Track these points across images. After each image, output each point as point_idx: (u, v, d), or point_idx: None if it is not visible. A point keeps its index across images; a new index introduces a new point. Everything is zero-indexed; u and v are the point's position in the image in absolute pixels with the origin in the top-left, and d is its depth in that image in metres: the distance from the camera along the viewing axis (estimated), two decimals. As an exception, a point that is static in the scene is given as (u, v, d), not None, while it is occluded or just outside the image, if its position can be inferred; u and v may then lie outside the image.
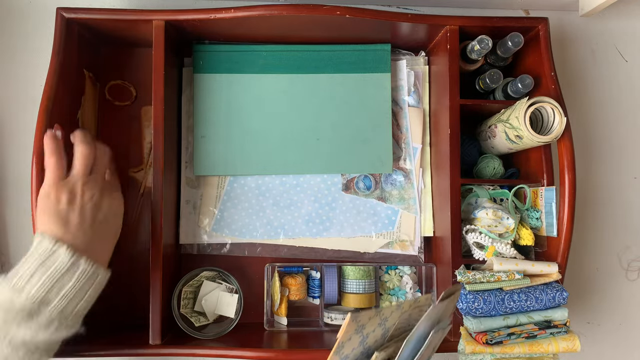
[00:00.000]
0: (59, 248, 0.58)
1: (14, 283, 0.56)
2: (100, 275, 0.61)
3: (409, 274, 0.84)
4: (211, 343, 0.74)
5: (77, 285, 0.58)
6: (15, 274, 0.57)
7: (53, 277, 0.57)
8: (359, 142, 0.82)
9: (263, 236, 0.82)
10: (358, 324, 0.51)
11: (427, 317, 0.54)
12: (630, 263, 0.89)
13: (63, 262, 0.58)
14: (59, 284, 0.57)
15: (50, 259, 0.58)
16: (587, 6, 0.85)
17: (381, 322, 0.54)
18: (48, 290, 0.56)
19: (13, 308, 0.55)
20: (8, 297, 0.55)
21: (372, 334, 0.54)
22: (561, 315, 0.70)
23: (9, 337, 0.54)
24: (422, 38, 0.81)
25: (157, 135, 0.72)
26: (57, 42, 0.72)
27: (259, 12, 0.72)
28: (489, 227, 0.74)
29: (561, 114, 0.70)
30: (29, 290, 0.56)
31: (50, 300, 0.56)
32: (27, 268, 0.57)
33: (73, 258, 0.58)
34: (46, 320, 0.56)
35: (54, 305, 0.57)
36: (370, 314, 0.52)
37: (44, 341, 0.56)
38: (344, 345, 0.52)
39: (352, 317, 0.50)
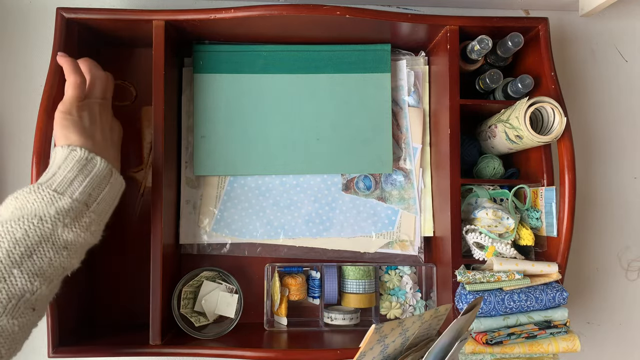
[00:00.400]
0: (94, 157, 0.62)
1: (54, 187, 0.58)
2: (123, 186, 0.67)
3: (409, 274, 0.84)
4: (211, 343, 0.74)
5: (110, 193, 0.63)
6: (53, 180, 0.58)
7: (92, 183, 0.60)
8: (359, 142, 0.82)
9: (263, 236, 0.82)
10: (381, 334, 0.52)
11: (451, 330, 0.55)
12: (630, 263, 0.89)
13: (100, 170, 0.62)
14: (98, 189, 0.61)
15: (88, 166, 0.61)
16: (587, 6, 0.85)
17: (402, 332, 0.54)
18: (89, 194, 0.60)
19: (59, 210, 0.56)
20: (50, 200, 0.57)
21: (393, 344, 0.55)
22: (561, 315, 0.70)
23: (53, 239, 0.56)
24: (422, 38, 0.81)
25: (157, 135, 0.72)
26: (57, 42, 0.72)
27: (259, 12, 0.72)
28: (489, 227, 0.74)
29: (561, 114, 0.70)
30: (71, 194, 0.58)
31: (90, 204, 0.60)
32: (66, 174, 0.59)
33: (108, 168, 0.63)
34: (88, 222, 0.59)
35: (94, 209, 0.60)
36: (393, 324, 0.52)
37: (81, 244, 0.59)
38: (365, 354, 0.52)
39: (376, 329, 0.50)
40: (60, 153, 0.62)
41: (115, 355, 0.71)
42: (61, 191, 0.58)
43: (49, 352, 0.70)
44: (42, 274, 0.54)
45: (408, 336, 0.56)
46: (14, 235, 0.54)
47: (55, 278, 0.56)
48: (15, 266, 0.53)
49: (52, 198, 0.57)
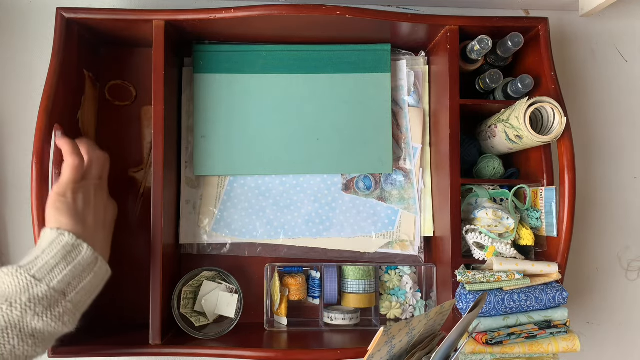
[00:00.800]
0: (81, 244, 0.60)
1: (33, 273, 0.56)
2: (108, 274, 0.65)
3: (409, 274, 0.84)
4: (211, 343, 0.74)
5: (92, 283, 0.61)
6: (34, 264, 0.57)
7: (74, 272, 0.58)
8: (359, 142, 0.82)
9: (263, 236, 0.82)
10: (389, 336, 0.52)
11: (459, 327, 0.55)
12: (630, 263, 0.89)
13: (84, 258, 0.60)
14: (79, 278, 0.59)
15: (73, 253, 0.59)
16: (587, 6, 0.85)
17: (409, 331, 0.55)
18: (68, 283, 0.58)
19: (33, 297, 0.55)
20: (26, 285, 0.55)
21: (399, 344, 0.55)
22: (561, 315, 0.70)
23: (20, 326, 0.54)
24: (422, 38, 0.81)
25: (157, 135, 0.72)
26: (57, 42, 0.72)
27: (259, 12, 0.72)
28: (489, 227, 0.74)
29: (561, 114, 0.70)
30: (49, 281, 0.56)
31: (68, 293, 0.57)
32: (48, 260, 0.58)
33: (93, 256, 0.61)
34: (61, 312, 0.56)
35: (71, 298, 0.58)
36: (401, 325, 0.53)
37: (50, 333, 0.56)
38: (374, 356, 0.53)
39: (385, 332, 0.51)
40: (47, 236, 0.60)
41: (115, 355, 0.71)
42: (39, 277, 0.56)
43: (48, 353, 0.70)
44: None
45: (414, 334, 0.56)
46: None
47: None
48: None
49: (28, 284, 0.55)
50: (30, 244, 0.82)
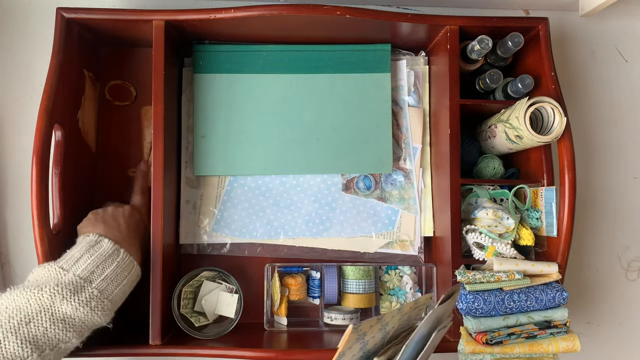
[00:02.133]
0: (102, 239, 0.68)
1: (61, 264, 0.63)
2: (135, 268, 0.69)
3: (409, 274, 0.84)
4: (211, 343, 0.74)
5: (116, 271, 0.66)
6: (62, 259, 0.64)
7: (97, 261, 0.65)
8: (359, 142, 0.82)
9: (263, 236, 0.82)
10: (359, 333, 0.51)
11: (428, 320, 0.55)
12: (630, 263, 0.89)
13: (106, 250, 0.66)
14: (102, 267, 0.65)
15: (95, 247, 0.66)
16: (587, 6, 0.85)
17: (382, 327, 0.54)
18: (92, 271, 0.64)
19: (60, 283, 0.61)
20: (55, 274, 0.62)
21: (372, 340, 0.54)
22: (561, 315, 0.70)
23: (52, 310, 0.59)
24: (422, 38, 0.81)
25: (157, 135, 0.72)
26: (57, 42, 0.72)
27: (259, 12, 0.72)
28: (489, 227, 0.74)
29: (561, 114, 0.70)
30: (75, 270, 0.63)
31: (93, 280, 0.63)
32: (74, 254, 0.65)
33: (114, 247, 0.67)
34: (87, 297, 0.61)
35: (96, 285, 0.63)
36: (372, 322, 0.52)
37: (80, 319, 0.61)
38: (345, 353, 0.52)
39: (354, 329, 0.50)
40: (78, 240, 0.69)
41: (115, 355, 0.71)
42: (66, 268, 0.63)
43: (49, 352, 0.70)
44: (34, 342, 0.57)
45: (388, 330, 0.56)
46: (17, 302, 0.58)
47: (47, 348, 0.58)
48: (11, 331, 0.56)
49: (57, 273, 0.62)
50: (30, 244, 0.82)
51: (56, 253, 0.69)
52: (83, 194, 0.79)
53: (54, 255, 0.69)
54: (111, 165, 0.83)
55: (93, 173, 0.83)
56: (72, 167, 0.75)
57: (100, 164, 0.83)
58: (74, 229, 0.75)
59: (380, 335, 0.55)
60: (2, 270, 0.82)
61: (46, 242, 0.68)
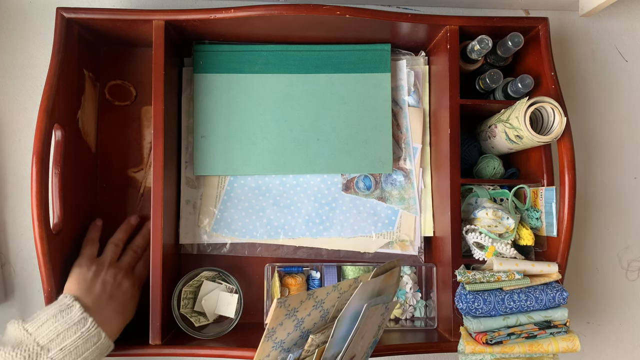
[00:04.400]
0: (75, 304, 0.65)
1: (27, 326, 0.62)
2: (102, 340, 0.65)
3: (409, 274, 0.84)
4: (211, 343, 0.74)
5: (77, 342, 0.63)
6: (32, 318, 0.63)
7: (60, 328, 0.62)
8: (359, 142, 0.82)
9: (263, 236, 0.82)
10: (287, 308, 0.49)
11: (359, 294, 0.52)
12: (630, 263, 0.89)
13: (73, 317, 0.64)
14: (63, 335, 0.62)
15: (65, 311, 0.64)
16: (587, 6, 0.85)
17: (316, 304, 0.52)
18: (52, 339, 0.61)
19: (19, 346, 0.60)
20: (19, 335, 0.61)
21: (308, 318, 0.52)
22: (561, 315, 0.70)
23: None
24: (422, 38, 0.81)
25: (157, 135, 0.72)
26: (57, 42, 0.72)
27: (259, 12, 0.72)
28: (489, 227, 0.74)
29: (561, 113, 0.70)
30: (36, 335, 0.61)
31: (51, 349, 0.61)
32: (42, 316, 0.63)
33: (83, 315, 0.64)
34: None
35: (53, 355, 0.61)
36: (302, 296, 0.50)
37: None
38: (276, 330, 0.50)
39: (279, 302, 0.48)
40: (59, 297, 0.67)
41: (115, 355, 0.71)
42: (31, 331, 0.61)
43: (49, 352, 0.70)
44: None
45: (327, 308, 0.54)
46: None
47: None
48: None
49: (21, 334, 0.61)
50: (30, 244, 0.82)
51: (56, 253, 0.70)
52: (83, 194, 0.79)
53: (53, 256, 0.69)
54: (111, 165, 0.83)
55: (93, 173, 0.83)
56: (72, 167, 0.75)
57: (100, 164, 0.83)
58: (74, 229, 0.76)
59: (319, 314, 0.53)
60: (2, 270, 0.82)
61: (46, 242, 0.68)
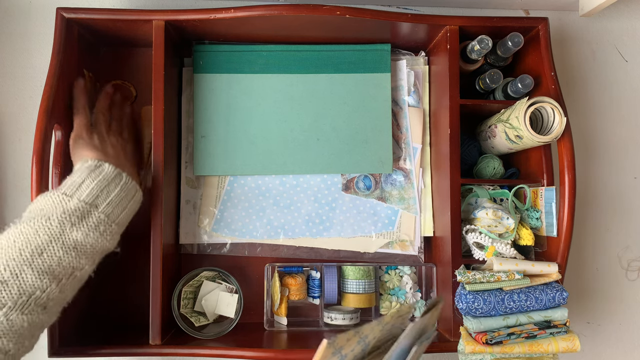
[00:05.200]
0: (103, 163, 0.65)
1: (64, 191, 0.61)
2: (138, 192, 0.68)
3: (409, 274, 0.84)
4: (211, 343, 0.74)
5: (121, 194, 0.64)
6: (63, 186, 0.62)
7: (101, 184, 0.63)
8: (359, 142, 0.82)
9: (263, 236, 0.82)
10: (335, 347, 0.50)
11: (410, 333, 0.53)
12: (630, 263, 0.89)
13: (108, 173, 0.64)
14: (106, 190, 0.63)
15: (96, 171, 0.64)
16: (587, 6, 0.85)
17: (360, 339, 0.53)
18: (97, 195, 0.62)
19: (66, 210, 0.59)
20: (60, 202, 0.60)
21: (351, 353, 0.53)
22: (561, 315, 0.70)
23: (63, 238, 0.58)
24: (422, 38, 0.81)
25: (157, 135, 0.72)
26: (57, 42, 0.72)
27: (259, 12, 0.72)
28: (489, 227, 0.74)
29: (561, 114, 0.70)
30: (79, 195, 0.61)
31: (99, 205, 0.62)
32: (75, 179, 0.63)
33: (117, 171, 0.65)
34: (95, 222, 0.61)
35: (102, 209, 0.62)
36: (349, 335, 0.50)
37: (91, 245, 0.60)
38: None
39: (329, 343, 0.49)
40: (75, 168, 0.67)
41: (115, 355, 0.71)
42: (70, 194, 0.61)
43: (48, 352, 0.70)
44: (51, 272, 0.56)
45: (368, 341, 0.54)
46: (26, 235, 0.57)
47: (64, 277, 0.58)
48: (26, 264, 0.55)
49: (61, 200, 0.60)
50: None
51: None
52: (83, 194, 0.79)
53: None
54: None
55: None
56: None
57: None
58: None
59: (360, 348, 0.54)
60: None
61: (46, 242, 0.68)
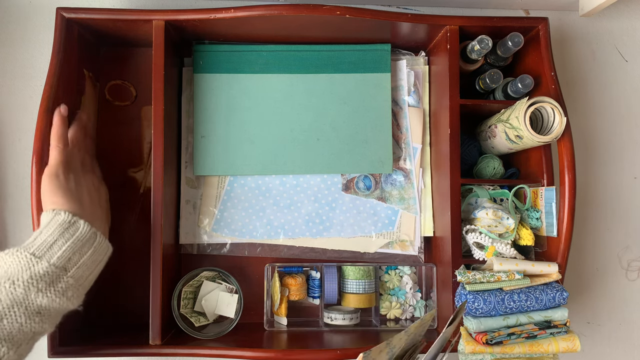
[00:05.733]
0: (78, 220, 0.61)
1: (32, 251, 0.57)
2: (109, 251, 0.65)
3: (409, 274, 0.84)
4: (211, 343, 0.74)
5: (92, 257, 0.61)
6: (33, 244, 0.58)
7: (74, 246, 0.59)
8: (359, 142, 0.82)
9: (263, 236, 0.82)
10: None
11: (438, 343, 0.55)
12: (630, 263, 0.89)
13: (83, 233, 0.61)
14: (79, 253, 0.60)
15: (70, 229, 0.60)
16: (587, 6, 0.85)
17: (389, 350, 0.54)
18: (69, 258, 0.58)
19: (34, 274, 0.56)
20: (27, 264, 0.56)
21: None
22: (561, 315, 0.70)
23: (26, 304, 0.54)
24: (422, 38, 0.81)
25: (157, 135, 0.72)
26: (57, 42, 0.72)
27: (259, 12, 0.72)
28: (489, 227, 0.74)
29: (561, 113, 0.70)
30: (49, 257, 0.57)
31: (69, 268, 0.58)
32: (46, 237, 0.59)
33: (91, 231, 0.62)
34: (64, 287, 0.57)
35: (72, 274, 0.58)
36: (381, 347, 0.52)
37: (56, 309, 0.57)
38: None
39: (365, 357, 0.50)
40: (45, 217, 0.62)
41: (115, 356, 0.71)
42: (39, 255, 0.57)
43: (48, 353, 0.70)
44: (10, 339, 0.53)
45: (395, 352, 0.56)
46: None
47: (24, 343, 0.54)
48: None
49: (28, 262, 0.56)
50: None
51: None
52: (83, 194, 0.79)
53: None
54: (111, 165, 0.83)
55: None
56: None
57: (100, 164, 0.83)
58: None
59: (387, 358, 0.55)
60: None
61: (46, 242, 0.68)
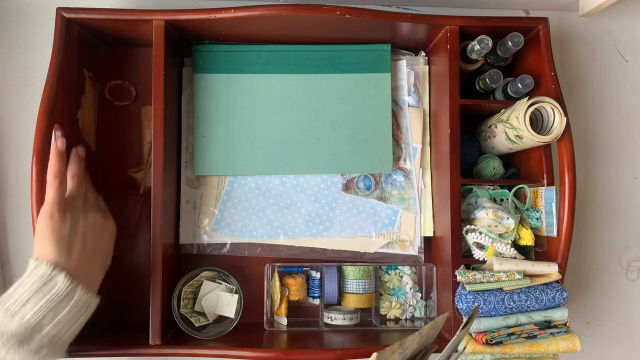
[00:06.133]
0: (57, 274, 0.58)
1: (7, 307, 0.55)
2: (92, 304, 0.62)
3: (409, 274, 0.84)
4: (211, 343, 0.74)
5: (70, 314, 0.58)
6: (9, 298, 0.56)
7: (49, 304, 0.56)
8: (359, 142, 0.82)
9: (263, 236, 0.82)
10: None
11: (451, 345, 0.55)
12: (630, 263, 0.89)
13: (60, 289, 0.57)
14: (54, 311, 0.57)
15: (48, 285, 0.57)
16: (587, 6, 0.85)
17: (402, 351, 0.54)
18: (43, 316, 0.56)
19: (5, 333, 0.54)
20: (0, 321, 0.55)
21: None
22: (561, 315, 0.70)
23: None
24: (422, 38, 0.81)
25: (157, 135, 0.72)
26: (57, 42, 0.72)
27: (259, 12, 0.72)
28: (489, 227, 0.74)
29: (561, 113, 0.70)
30: (22, 316, 0.55)
31: (43, 327, 0.56)
32: (22, 292, 0.56)
33: (71, 286, 0.58)
34: (36, 347, 0.55)
35: (46, 332, 0.56)
36: (394, 348, 0.52)
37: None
38: None
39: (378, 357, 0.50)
40: (30, 265, 0.59)
41: (115, 356, 0.71)
42: (13, 311, 0.55)
43: (49, 352, 0.70)
44: None
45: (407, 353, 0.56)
46: None
47: None
48: None
49: (2, 318, 0.55)
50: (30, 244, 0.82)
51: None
52: (83, 194, 0.79)
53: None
54: (111, 165, 0.83)
55: (93, 173, 0.82)
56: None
57: (100, 164, 0.83)
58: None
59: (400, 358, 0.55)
60: (2, 270, 0.82)
61: (46, 242, 0.68)
